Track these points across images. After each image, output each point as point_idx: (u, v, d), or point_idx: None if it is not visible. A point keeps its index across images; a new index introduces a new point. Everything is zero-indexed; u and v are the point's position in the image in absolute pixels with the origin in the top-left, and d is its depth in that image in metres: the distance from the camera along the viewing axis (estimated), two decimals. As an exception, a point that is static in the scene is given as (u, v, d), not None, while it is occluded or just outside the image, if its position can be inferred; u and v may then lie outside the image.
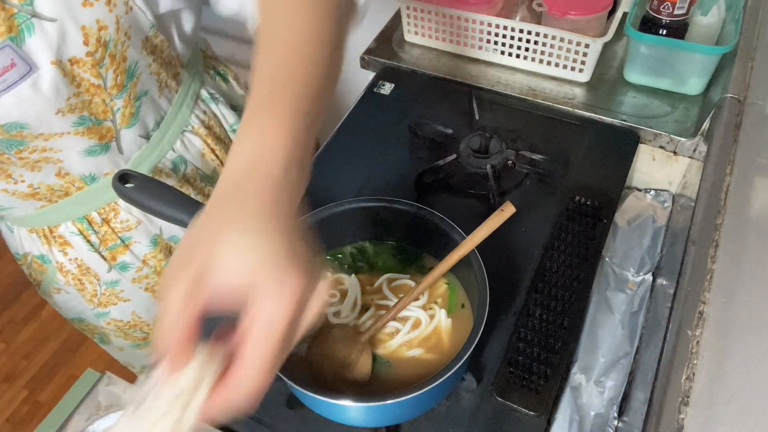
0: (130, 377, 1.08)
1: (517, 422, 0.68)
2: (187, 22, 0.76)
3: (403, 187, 0.91)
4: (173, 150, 0.81)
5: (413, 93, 1.07)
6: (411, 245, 0.77)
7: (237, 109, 0.92)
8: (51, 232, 0.79)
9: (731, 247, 0.67)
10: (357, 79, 1.14)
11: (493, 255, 0.69)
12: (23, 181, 0.70)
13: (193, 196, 0.85)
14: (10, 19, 0.57)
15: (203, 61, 0.88)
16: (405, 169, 0.94)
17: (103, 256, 0.82)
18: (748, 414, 0.53)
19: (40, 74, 0.60)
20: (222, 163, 0.89)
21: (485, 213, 0.88)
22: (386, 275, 0.74)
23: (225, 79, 0.93)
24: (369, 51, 1.14)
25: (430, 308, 0.71)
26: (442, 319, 0.70)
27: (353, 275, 0.75)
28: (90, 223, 0.79)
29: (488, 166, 0.90)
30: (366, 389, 0.66)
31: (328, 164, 0.98)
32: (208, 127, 0.85)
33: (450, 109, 1.03)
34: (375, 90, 1.07)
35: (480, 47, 1.08)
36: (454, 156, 0.92)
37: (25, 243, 0.83)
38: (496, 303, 0.65)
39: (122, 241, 0.82)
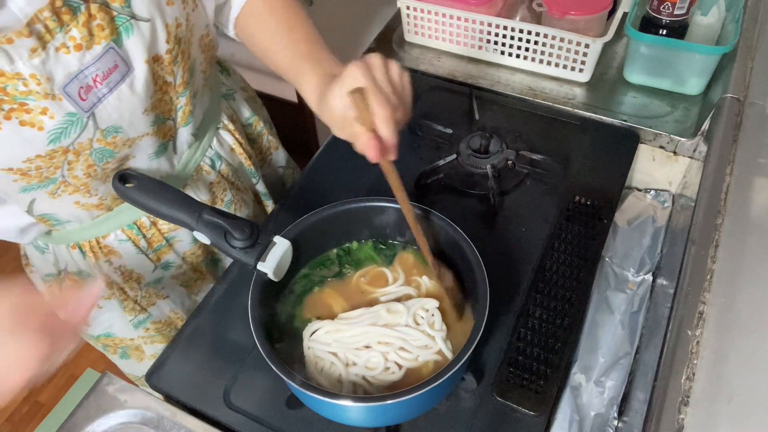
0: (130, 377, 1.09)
1: (517, 422, 0.68)
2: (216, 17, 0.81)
3: (403, 187, 0.91)
4: (211, 147, 0.85)
5: (413, 93, 1.06)
6: (415, 246, 0.77)
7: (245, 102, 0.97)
8: (98, 243, 0.80)
9: (731, 247, 0.67)
10: (357, 79, 1.14)
11: (493, 255, 0.69)
12: (96, 194, 0.72)
13: (228, 190, 0.89)
14: (111, 21, 0.59)
15: None
16: (405, 169, 0.93)
17: (149, 258, 0.84)
18: (748, 414, 0.53)
19: (135, 74, 0.63)
20: (248, 157, 0.93)
21: (485, 213, 0.88)
22: (357, 273, 0.75)
23: (228, 73, 0.96)
24: (369, 51, 1.14)
25: (413, 281, 0.73)
26: (426, 284, 0.72)
27: (326, 289, 0.74)
28: (139, 228, 0.81)
29: (488, 166, 0.90)
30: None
31: (328, 164, 0.98)
32: (233, 121, 0.90)
33: (450, 109, 1.03)
34: (375, 90, 1.07)
35: (480, 47, 1.08)
36: (454, 156, 0.92)
37: (60, 261, 0.82)
38: (496, 303, 0.65)
39: (167, 241, 0.85)
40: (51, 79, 0.57)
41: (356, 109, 0.56)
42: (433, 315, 0.67)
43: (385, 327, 0.66)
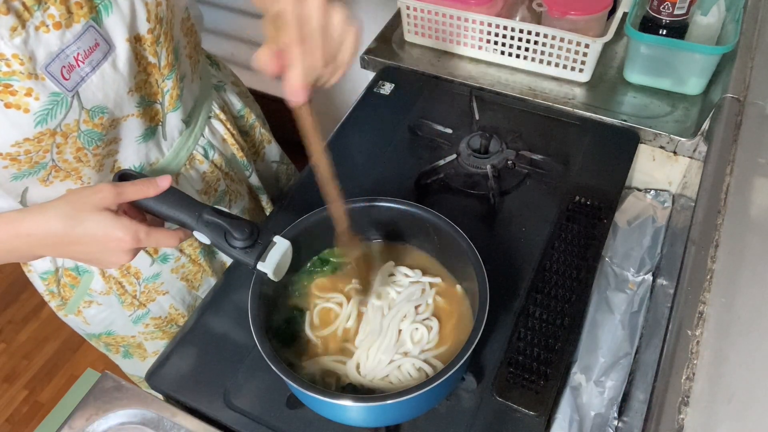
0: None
1: (517, 422, 0.68)
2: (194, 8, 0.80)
3: (403, 187, 0.91)
4: (203, 136, 0.85)
5: (413, 93, 1.07)
6: (415, 245, 0.77)
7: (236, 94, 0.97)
8: None
9: (731, 247, 0.67)
10: (357, 79, 1.14)
11: (493, 255, 0.69)
12: (89, 184, 0.71)
13: (221, 180, 0.90)
14: (90, 0, 0.59)
15: None
16: (405, 169, 0.94)
17: (147, 251, 0.84)
18: (748, 414, 0.53)
19: (117, 53, 0.63)
20: (240, 149, 0.93)
21: (485, 213, 0.88)
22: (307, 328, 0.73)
23: (217, 66, 0.97)
24: (369, 51, 1.14)
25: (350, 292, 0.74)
26: (354, 285, 0.74)
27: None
28: None
29: (488, 166, 0.90)
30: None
31: (328, 164, 0.98)
32: (224, 112, 0.90)
33: (450, 109, 1.03)
34: (375, 90, 1.07)
35: (480, 47, 1.08)
36: (454, 156, 0.92)
37: (57, 257, 0.81)
38: (496, 303, 0.65)
39: None
40: (33, 59, 0.57)
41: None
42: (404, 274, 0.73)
43: (392, 310, 0.68)
